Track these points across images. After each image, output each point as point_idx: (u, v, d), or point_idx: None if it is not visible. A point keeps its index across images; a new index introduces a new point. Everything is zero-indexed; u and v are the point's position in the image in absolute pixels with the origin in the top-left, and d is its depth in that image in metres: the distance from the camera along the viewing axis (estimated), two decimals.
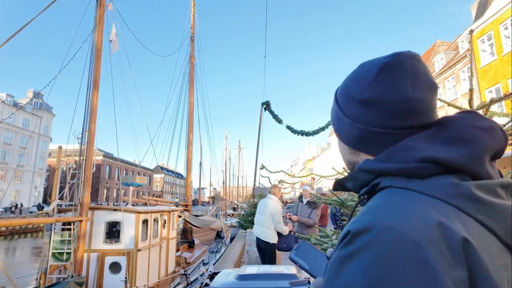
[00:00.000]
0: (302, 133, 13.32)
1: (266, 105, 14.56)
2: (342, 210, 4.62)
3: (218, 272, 1.85)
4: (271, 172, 21.44)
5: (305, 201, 5.61)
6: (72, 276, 6.02)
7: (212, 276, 1.82)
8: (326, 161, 55.86)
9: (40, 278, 6.33)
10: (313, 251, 0.77)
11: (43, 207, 30.72)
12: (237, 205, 38.97)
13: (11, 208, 38.00)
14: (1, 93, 47.11)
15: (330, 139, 56.65)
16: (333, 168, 4.36)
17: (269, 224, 4.73)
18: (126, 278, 6.29)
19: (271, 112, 14.35)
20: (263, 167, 19.71)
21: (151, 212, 7.46)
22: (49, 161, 51.85)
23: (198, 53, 17.67)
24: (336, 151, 50.52)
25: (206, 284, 1.68)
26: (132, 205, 8.14)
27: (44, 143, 52.37)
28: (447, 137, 0.53)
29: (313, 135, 13.40)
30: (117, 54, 9.65)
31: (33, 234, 29.54)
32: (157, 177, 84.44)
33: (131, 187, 8.61)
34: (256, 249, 5.18)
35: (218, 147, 68.22)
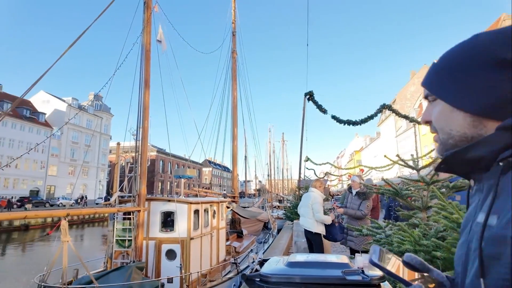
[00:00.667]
0: (349, 122, 12.73)
1: (310, 95, 14.21)
2: (396, 201, 4.37)
3: (268, 259, 1.86)
4: (316, 164, 21.04)
5: (354, 192, 5.40)
6: (133, 261, 6.57)
7: (261, 263, 1.83)
8: (375, 151, 53.14)
9: (107, 262, 7.01)
10: (386, 254, 0.73)
11: (108, 199, 34.06)
12: (283, 198, 39.04)
13: (77, 200, 42.65)
14: (68, 97, 52.73)
15: (380, 128, 53.65)
16: (385, 156, 4.11)
17: (311, 215, 4.89)
18: (181, 264, 6.69)
19: (315, 102, 13.96)
20: (307, 159, 19.41)
21: (202, 202, 7.79)
22: (110, 157, 56.96)
23: (239, 47, 17.87)
24: (387, 140, 47.76)
25: (256, 270, 1.69)
26: (184, 196, 8.58)
27: (105, 141, 57.64)
28: None
29: (360, 124, 12.74)
30: (165, 53, 10.15)
31: (100, 223, 32.84)
32: (206, 170, 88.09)
33: (182, 180, 9.07)
34: (304, 239, 5.17)
35: (262, 140, 68.84)
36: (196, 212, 7.47)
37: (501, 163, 0.50)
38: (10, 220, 23.37)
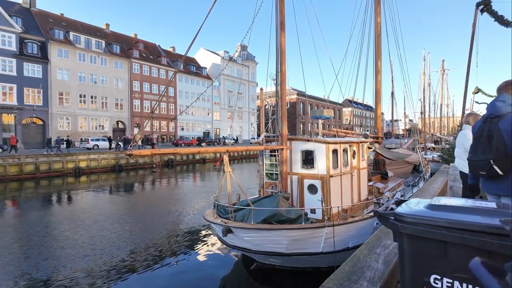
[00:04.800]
0: None
1: (484, 5, 10.68)
2: None
3: (406, 200, 1.74)
4: (491, 97, 16.55)
5: None
6: (280, 192, 7.53)
7: (399, 203, 1.74)
8: None
9: (260, 190, 8.32)
10: None
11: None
12: (440, 138, 33.62)
13: (235, 139, 51.11)
14: (220, 51, 60.07)
15: None
16: None
17: (463, 155, 4.26)
18: (322, 198, 7.17)
19: (493, 14, 10.44)
20: (478, 90, 15.45)
21: (340, 143, 7.78)
22: (258, 102, 63.42)
23: None
24: None
25: (392, 209, 1.63)
26: (323, 136, 8.77)
27: (252, 88, 63.91)
28: None
29: None
30: None
31: (255, 159, 38.47)
32: (346, 110, 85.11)
33: (319, 120, 9.19)
34: (461, 185, 4.46)
35: (414, 72, 58.80)
36: (335, 152, 7.56)
37: None
38: (189, 154, 31.07)
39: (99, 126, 39.40)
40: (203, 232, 10.30)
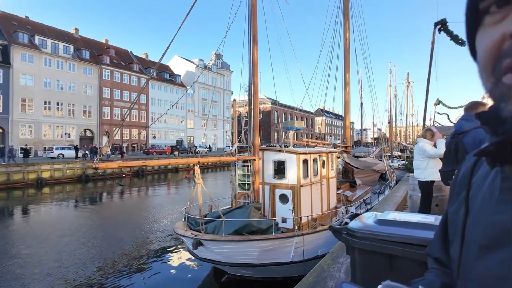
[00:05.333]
0: None
1: (442, 26, 11.61)
2: None
3: (360, 214, 1.87)
4: (450, 108, 17.84)
5: None
6: (252, 202, 7.59)
7: (353, 217, 1.86)
8: None
9: (232, 201, 8.32)
10: None
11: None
12: (406, 147, 35.43)
13: (209, 148, 50.52)
14: (195, 59, 59.80)
15: None
16: None
17: (422, 164, 4.63)
18: (292, 208, 7.32)
19: (449, 33, 11.37)
20: (439, 102, 16.67)
21: (310, 153, 8.02)
22: (232, 110, 63.53)
23: None
24: None
25: (346, 223, 1.75)
26: (294, 146, 8.98)
27: (227, 96, 63.99)
28: None
29: None
30: (270, 5, 10.03)
31: (228, 168, 38.31)
32: (318, 119, 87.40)
33: (291, 131, 9.43)
34: (420, 194, 4.78)
35: (381, 84, 61.89)
36: (305, 162, 7.78)
37: None
38: (159, 165, 30.23)
39: (65, 134, 37.50)
40: (174, 246, 10.07)
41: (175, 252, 9.54)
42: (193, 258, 8.03)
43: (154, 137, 48.70)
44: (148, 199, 19.69)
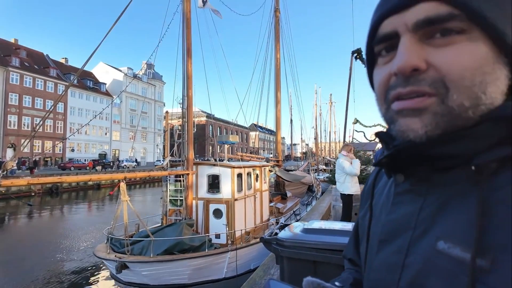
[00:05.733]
0: None
1: (358, 54, 13.24)
2: None
3: (289, 224, 1.99)
4: (366, 127, 20.15)
5: None
6: (185, 219, 7.32)
7: (283, 227, 1.96)
8: None
9: (162, 219, 7.90)
10: None
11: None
12: (329, 161, 38.59)
13: (138, 162, 47.26)
14: (123, 67, 56.22)
15: None
16: None
17: (341, 179, 5.16)
18: (226, 222, 7.28)
19: (363, 61, 13.02)
20: (356, 121, 18.63)
21: (244, 167, 8.16)
22: (164, 123, 61.03)
23: (282, 5, 16.95)
24: None
25: (276, 234, 1.83)
26: (228, 160, 9.04)
27: (159, 107, 61.37)
28: None
29: None
30: (205, 20, 10.13)
31: (160, 183, 36.32)
32: (253, 134, 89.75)
33: (225, 145, 9.49)
34: (341, 204, 5.29)
35: (309, 103, 67.02)
36: (239, 175, 7.88)
37: (473, 167, 0.36)
38: (78, 182, 27.08)
39: None
40: (95, 271, 9.02)
41: (96, 278, 8.54)
42: (116, 283, 7.30)
43: (73, 150, 43.63)
44: (63, 221, 17.36)
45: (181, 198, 7.64)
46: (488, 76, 0.36)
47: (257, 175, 9.02)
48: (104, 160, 41.76)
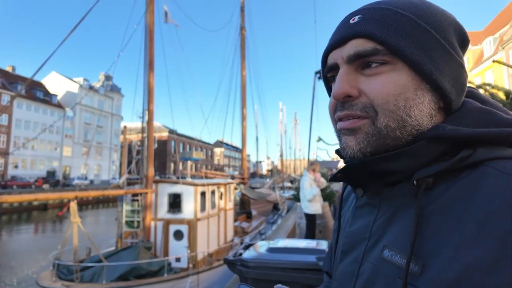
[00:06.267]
0: None
1: (320, 74, 13.86)
2: None
3: (253, 244, 1.92)
4: (329, 145, 20.91)
5: None
6: (142, 241, 6.86)
7: (247, 247, 1.88)
8: None
9: (117, 242, 7.33)
10: None
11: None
12: (294, 178, 39.29)
13: (91, 181, 44.11)
14: (79, 78, 53.20)
15: None
16: None
17: (302, 197, 5.23)
18: (188, 244, 6.94)
19: None
20: (319, 139, 19.26)
21: (208, 184, 7.93)
22: (122, 138, 58.06)
23: (248, 24, 17.40)
24: None
25: (240, 254, 1.75)
26: (191, 178, 8.76)
27: (116, 121, 58.54)
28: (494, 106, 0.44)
29: None
30: (169, 34, 10.05)
31: (115, 203, 34.13)
32: (218, 151, 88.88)
33: (189, 162, 9.22)
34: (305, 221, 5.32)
35: (274, 120, 68.62)
36: (203, 194, 7.63)
37: (415, 182, 0.40)
38: (21, 202, 24.43)
39: None
40: None
41: None
42: None
43: (16, 166, 39.66)
44: (1, 246, 15.41)
45: (138, 219, 7.18)
46: (411, 101, 0.41)
47: (221, 193, 8.81)
48: (48, 178, 38.34)
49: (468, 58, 26.62)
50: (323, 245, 1.74)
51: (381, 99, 0.41)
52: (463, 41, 0.45)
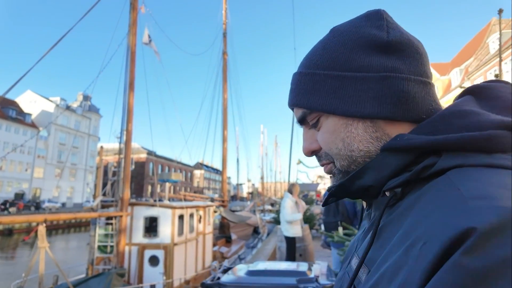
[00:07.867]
0: None
1: None
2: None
3: (232, 267, 1.85)
4: (309, 167, 21.15)
5: None
6: (115, 268, 6.46)
7: (226, 271, 1.82)
8: None
9: (88, 268, 6.87)
10: None
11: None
12: (275, 201, 39.07)
13: (63, 204, 41.80)
14: (55, 97, 51.73)
15: None
16: None
17: (283, 220, 5.20)
18: (163, 271, 6.60)
19: None
20: (299, 162, 19.44)
21: (187, 207, 7.71)
22: (98, 159, 56.08)
23: (230, 49, 17.82)
24: None
25: (218, 278, 1.68)
26: (170, 200, 8.50)
27: (93, 142, 56.76)
28: (497, 105, 0.40)
29: None
30: (151, 55, 10.08)
31: (88, 228, 32.29)
32: (198, 173, 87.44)
33: (167, 183, 8.99)
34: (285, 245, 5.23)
35: (255, 142, 68.91)
36: (181, 217, 7.39)
37: (387, 193, 0.42)
38: None
39: None
40: None
41: None
42: None
43: None
44: None
45: (111, 244, 6.80)
46: (347, 139, 0.45)
47: (200, 216, 8.57)
48: (15, 201, 35.94)
49: (438, 87, 28.48)
50: (304, 267, 1.71)
51: (328, 149, 0.48)
52: (386, 46, 0.44)
